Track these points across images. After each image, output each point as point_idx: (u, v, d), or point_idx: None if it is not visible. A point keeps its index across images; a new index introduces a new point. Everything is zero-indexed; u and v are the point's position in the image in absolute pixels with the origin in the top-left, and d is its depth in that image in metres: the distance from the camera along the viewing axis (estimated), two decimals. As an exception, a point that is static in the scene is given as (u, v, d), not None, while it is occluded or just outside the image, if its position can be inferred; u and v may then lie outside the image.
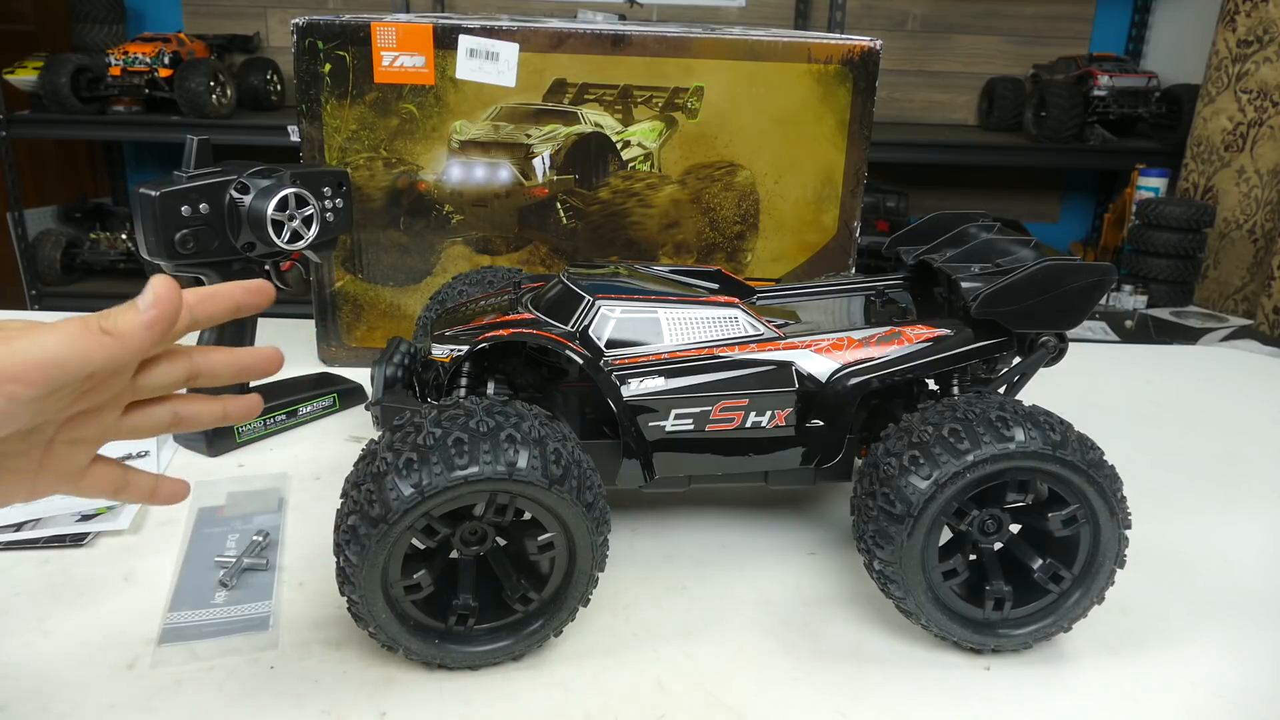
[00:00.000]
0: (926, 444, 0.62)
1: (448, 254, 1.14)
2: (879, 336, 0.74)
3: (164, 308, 0.48)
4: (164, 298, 0.48)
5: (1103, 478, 0.61)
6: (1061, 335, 0.76)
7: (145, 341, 0.48)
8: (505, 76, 1.07)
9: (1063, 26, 3.25)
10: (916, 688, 0.63)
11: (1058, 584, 0.64)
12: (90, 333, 0.46)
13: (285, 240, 0.90)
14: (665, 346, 0.71)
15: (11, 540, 0.76)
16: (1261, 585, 0.77)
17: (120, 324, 0.47)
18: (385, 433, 0.59)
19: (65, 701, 0.59)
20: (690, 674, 0.64)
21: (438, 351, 0.75)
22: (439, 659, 0.61)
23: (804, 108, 1.10)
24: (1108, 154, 2.98)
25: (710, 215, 1.14)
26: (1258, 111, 2.58)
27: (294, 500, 0.84)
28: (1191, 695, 0.64)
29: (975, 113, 3.33)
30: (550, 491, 0.57)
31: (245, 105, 2.90)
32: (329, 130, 1.08)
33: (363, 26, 1.04)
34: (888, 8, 3.22)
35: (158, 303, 0.48)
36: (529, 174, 1.11)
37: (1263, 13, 2.55)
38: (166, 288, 0.48)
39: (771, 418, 0.71)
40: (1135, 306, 2.53)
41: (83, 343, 0.46)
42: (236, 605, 0.69)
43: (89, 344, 0.46)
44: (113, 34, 3.07)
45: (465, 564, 0.62)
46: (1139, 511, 0.66)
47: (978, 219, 0.85)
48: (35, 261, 2.93)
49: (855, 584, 0.75)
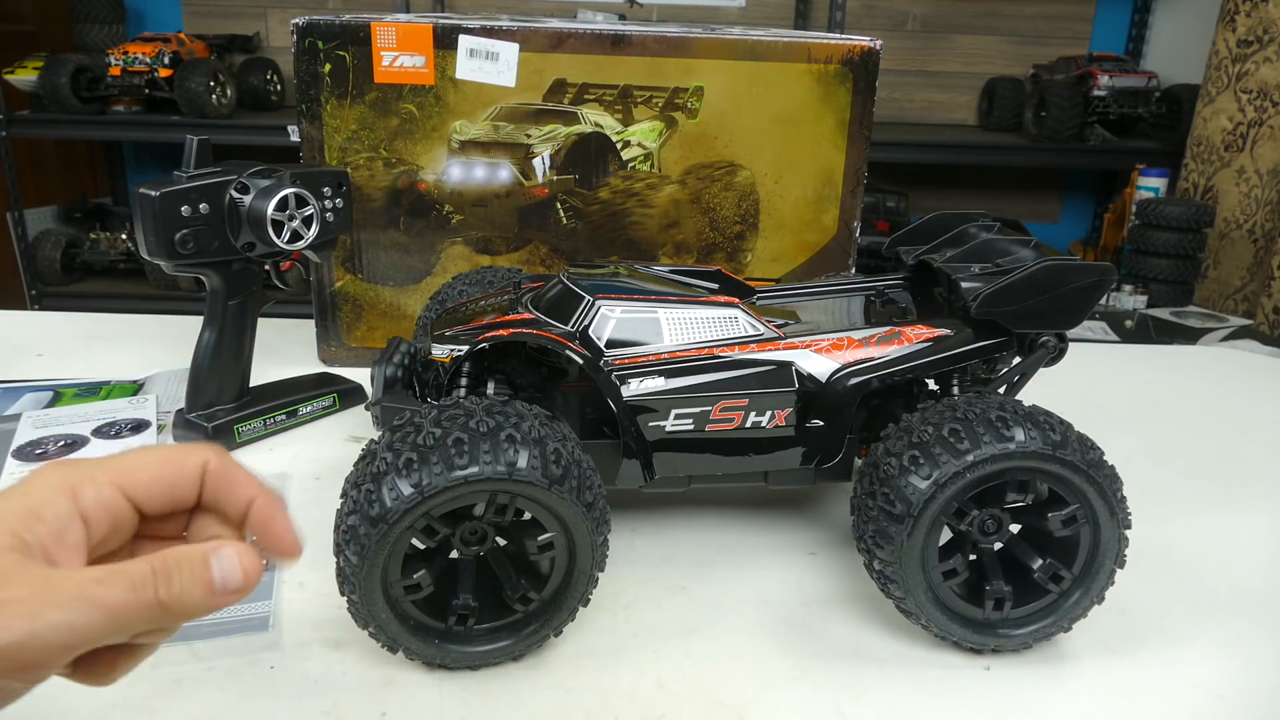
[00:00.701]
0: (926, 444, 0.62)
1: (448, 254, 1.14)
2: (879, 336, 0.74)
3: (251, 587, 0.38)
4: (252, 574, 0.38)
5: (1103, 478, 0.61)
6: (1061, 335, 0.76)
7: (206, 614, 0.38)
8: (505, 76, 1.07)
9: (1063, 26, 3.25)
10: (916, 688, 0.63)
11: (1058, 584, 0.64)
12: (141, 603, 0.35)
13: (285, 240, 0.90)
14: (665, 346, 0.71)
15: (11, 540, 0.75)
16: (1261, 585, 0.77)
17: (188, 598, 0.36)
18: (385, 433, 0.59)
19: (65, 701, 0.59)
20: (690, 674, 0.64)
21: (438, 351, 0.75)
22: (439, 659, 0.61)
23: (804, 108, 1.10)
24: (1108, 154, 2.98)
25: (710, 215, 1.14)
26: (1258, 111, 2.58)
27: (294, 500, 0.84)
28: (1191, 695, 0.64)
29: (975, 113, 3.33)
30: (550, 491, 0.57)
31: (245, 105, 2.90)
32: (329, 130, 1.08)
33: (363, 26, 1.04)
34: (888, 8, 3.22)
35: (248, 583, 0.38)
36: (529, 174, 1.11)
37: (1263, 13, 2.55)
38: (254, 563, 0.38)
39: (771, 418, 0.71)
40: (1135, 306, 2.53)
41: (126, 620, 0.35)
42: (236, 605, 0.68)
43: (133, 616, 0.35)
44: (113, 34, 3.07)
45: (465, 564, 0.62)
46: (1139, 511, 0.66)
47: (978, 219, 0.85)
48: (35, 261, 2.93)
49: (855, 584, 0.75)
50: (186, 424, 0.93)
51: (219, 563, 0.37)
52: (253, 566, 0.38)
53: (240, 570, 0.38)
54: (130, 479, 0.39)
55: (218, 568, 0.37)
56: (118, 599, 0.35)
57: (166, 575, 0.36)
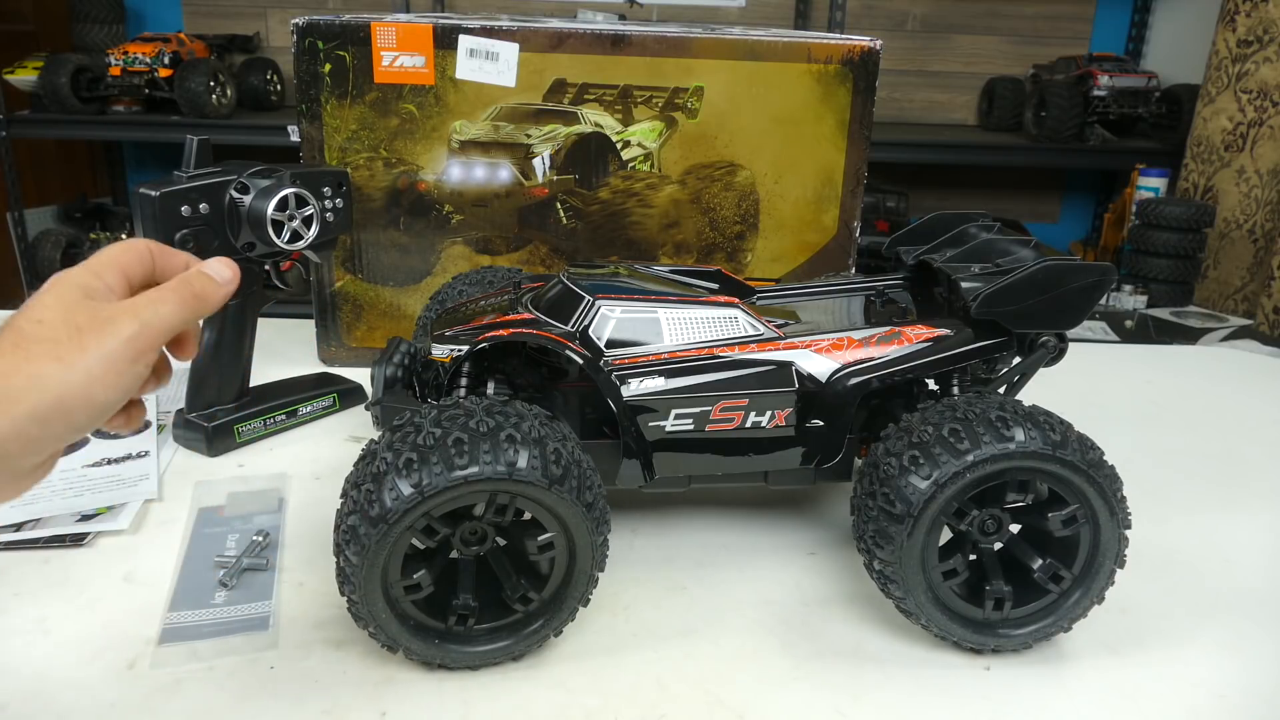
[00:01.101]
0: (926, 444, 0.62)
1: (448, 254, 1.14)
2: (879, 336, 0.74)
3: (236, 279, 0.58)
4: (233, 268, 0.58)
5: (1103, 478, 0.61)
6: (1061, 335, 0.76)
7: (220, 304, 0.57)
8: (505, 76, 1.07)
9: (1063, 26, 3.25)
10: (916, 688, 0.63)
11: (1058, 584, 0.64)
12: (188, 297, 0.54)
13: (285, 240, 0.90)
14: (665, 346, 0.71)
15: (11, 540, 0.76)
16: (1261, 585, 0.77)
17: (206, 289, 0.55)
18: (385, 433, 0.59)
19: (65, 701, 0.59)
20: (690, 674, 0.64)
21: (438, 351, 0.75)
22: (439, 659, 0.61)
23: (804, 108, 1.10)
24: (1108, 154, 2.98)
25: (710, 215, 1.14)
26: (1258, 111, 2.58)
27: (294, 500, 0.84)
28: (1192, 695, 0.64)
29: (975, 113, 3.33)
30: (550, 491, 0.57)
31: (245, 105, 2.90)
32: (329, 130, 1.08)
33: (363, 26, 1.04)
34: (888, 8, 3.22)
35: (232, 276, 0.57)
36: (529, 174, 1.11)
37: (1263, 13, 2.55)
38: (233, 265, 0.58)
39: (771, 418, 0.71)
40: (1135, 306, 2.53)
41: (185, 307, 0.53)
42: (236, 605, 0.69)
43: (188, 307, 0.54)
44: (113, 34, 3.07)
45: (465, 564, 0.62)
46: (1139, 511, 0.66)
47: (978, 219, 0.85)
48: (35, 261, 2.93)
49: (855, 584, 0.75)
50: (186, 424, 0.93)
51: (208, 267, 0.57)
52: (230, 264, 0.58)
53: (223, 265, 0.57)
54: (121, 265, 0.54)
55: (210, 269, 0.57)
56: (174, 295, 0.53)
57: (188, 280, 0.55)
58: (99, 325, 0.49)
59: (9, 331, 0.48)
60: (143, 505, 0.82)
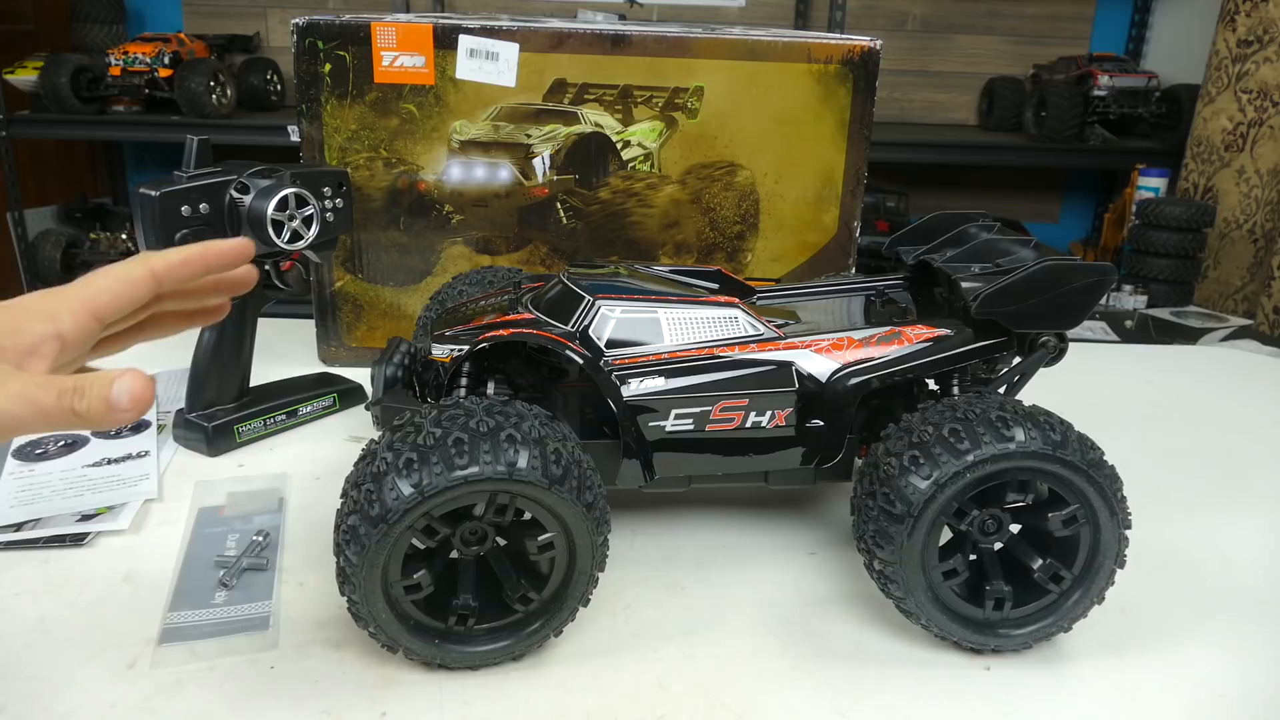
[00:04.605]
0: (926, 444, 0.62)
1: (448, 254, 1.14)
2: (879, 336, 0.74)
3: (138, 409, 0.48)
4: (140, 399, 0.48)
5: (1103, 478, 0.61)
6: (1061, 335, 0.76)
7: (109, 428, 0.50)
8: (505, 76, 1.07)
9: (1063, 26, 3.25)
10: (916, 688, 0.63)
11: (1058, 584, 0.64)
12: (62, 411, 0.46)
13: (285, 240, 0.90)
14: (665, 346, 0.71)
15: (11, 540, 0.76)
16: (1261, 585, 0.77)
17: (92, 411, 0.47)
18: (385, 433, 0.59)
19: (65, 701, 0.59)
20: (690, 674, 0.64)
21: (438, 351, 0.75)
22: (439, 659, 0.61)
23: (804, 108, 1.10)
24: (1108, 154, 2.98)
25: (710, 215, 1.14)
26: (1258, 111, 2.58)
27: (294, 500, 0.84)
28: (1192, 695, 0.64)
29: (975, 113, 3.33)
30: (550, 491, 0.57)
31: (245, 105, 2.90)
32: (329, 130, 1.08)
33: (363, 26, 1.04)
34: (888, 8, 3.22)
35: (134, 404, 0.48)
36: (529, 174, 1.11)
37: (1263, 13, 2.55)
38: (143, 388, 0.48)
39: (771, 418, 0.71)
40: (1135, 306, 2.53)
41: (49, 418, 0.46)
42: (236, 605, 0.69)
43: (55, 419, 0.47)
44: (113, 34, 3.07)
45: (465, 564, 0.62)
46: (1139, 511, 0.66)
47: (978, 219, 0.85)
48: (35, 261, 2.93)
49: (855, 584, 0.75)
50: (186, 424, 0.93)
51: (117, 385, 0.48)
52: (140, 390, 0.48)
53: (129, 393, 0.48)
54: (97, 302, 0.51)
55: (115, 390, 0.47)
56: (46, 402, 0.46)
57: (81, 391, 0.47)
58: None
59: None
60: (143, 505, 0.82)
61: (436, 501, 0.56)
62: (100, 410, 0.47)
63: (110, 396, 0.47)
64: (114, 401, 0.47)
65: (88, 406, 0.47)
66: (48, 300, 0.50)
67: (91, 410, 0.47)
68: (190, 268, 0.56)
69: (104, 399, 0.47)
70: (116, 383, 0.48)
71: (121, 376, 0.48)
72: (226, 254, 0.57)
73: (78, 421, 0.47)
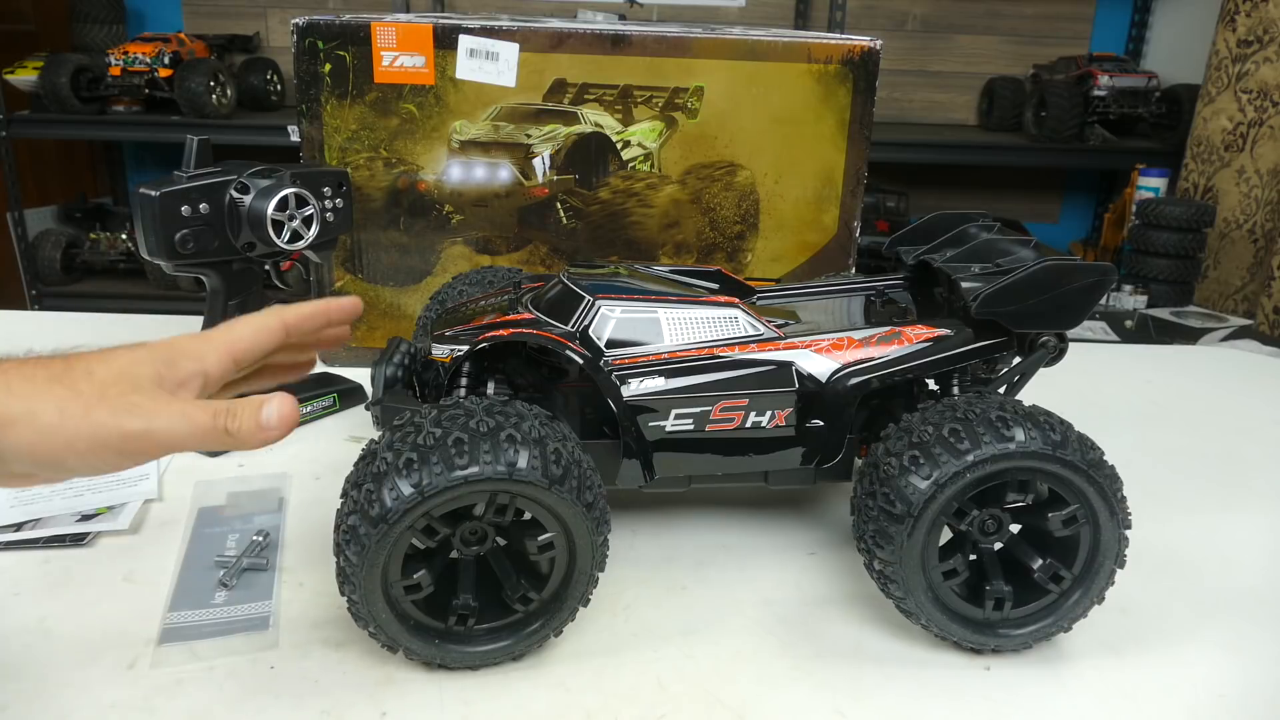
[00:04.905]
0: (926, 444, 0.62)
1: (448, 254, 1.14)
2: (879, 336, 0.74)
3: (285, 429, 0.54)
4: (288, 420, 0.54)
5: (1103, 478, 0.61)
6: (1061, 335, 0.76)
7: (258, 447, 0.54)
8: (505, 76, 1.07)
9: (1063, 26, 3.25)
10: (916, 688, 0.63)
11: (1058, 584, 0.64)
12: (216, 430, 0.51)
13: (285, 240, 0.90)
14: (665, 346, 0.71)
15: (11, 540, 0.76)
16: (1261, 585, 0.77)
17: (244, 430, 0.52)
18: (385, 433, 0.59)
19: (65, 701, 0.59)
20: (690, 674, 0.64)
21: (438, 351, 0.75)
22: (439, 659, 0.61)
23: (804, 108, 1.09)
24: (1108, 154, 2.98)
25: (710, 215, 1.14)
26: (1258, 111, 2.58)
27: (294, 500, 0.84)
28: (1191, 695, 0.64)
29: (975, 113, 3.33)
30: (550, 491, 0.57)
31: (245, 105, 2.90)
32: (329, 130, 1.08)
33: (363, 26, 1.04)
34: (888, 8, 3.22)
35: (282, 424, 0.53)
36: (529, 174, 1.11)
37: (1263, 13, 2.55)
38: (291, 410, 0.54)
39: (771, 418, 0.71)
40: (1135, 306, 2.53)
41: (204, 436, 0.51)
42: (236, 605, 0.69)
43: (209, 438, 0.52)
44: (113, 34, 3.07)
45: (465, 564, 0.62)
46: (1139, 511, 0.66)
47: (978, 219, 0.85)
48: (35, 261, 2.93)
49: (855, 584, 0.75)
50: (186, 424, 0.93)
51: (266, 408, 0.53)
52: (288, 412, 0.54)
53: (277, 414, 0.53)
54: (238, 348, 0.57)
55: (265, 411, 0.53)
56: (202, 420, 0.51)
57: (234, 413, 0.52)
58: (115, 404, 0.49)
59: (63, 361, 0.51)
60: (143, 505, 0.82)
61: (436, 501, 0.56)
62: (251, 429, 0.52)
63: (260, 418, 0.53)
64: (264, 422, 0.53)
65: (240, 426, 0.52)
66: (198, 342, 0.56)
67: (243, 430, 0.52)
68: (315, 320, 0.62)
69: (255, 419, 0.53)
70: (266, 406, 0.53)
71: (270, 400, 0.54)
72: (346, 309, 0.64)
73: (229, 440, 0.52)
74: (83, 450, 0.49)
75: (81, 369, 0.50)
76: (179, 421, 0.51)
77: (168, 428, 0.50)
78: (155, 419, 0.50)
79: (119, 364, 0.52)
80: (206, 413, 0.51)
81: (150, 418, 0.50)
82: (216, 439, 0.52)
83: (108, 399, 0.49)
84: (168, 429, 0.50)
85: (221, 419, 0.52)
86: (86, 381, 0.50)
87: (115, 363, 0.51)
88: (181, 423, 0.51)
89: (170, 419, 0.50)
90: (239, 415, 0.52)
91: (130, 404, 0.50)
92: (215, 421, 0.51)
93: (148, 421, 0.50)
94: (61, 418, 0.48)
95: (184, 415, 0.51)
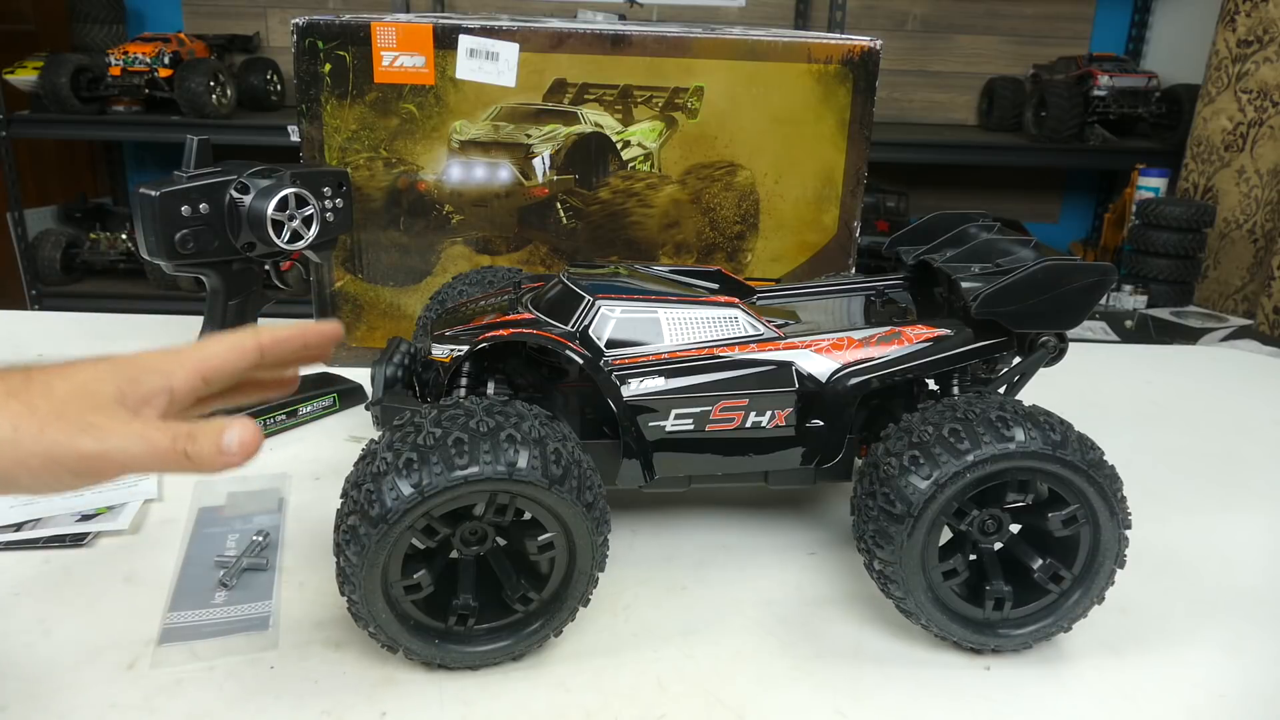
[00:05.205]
0: (926, 444, 0.62)
1: (448, 254, 1.14)
2: (879, 336, 0.74)
3: (246, 456, 0.51)
4: (249, 445, 0.51)
5: (1103, 478, 0.61)
6: (1061, 335, 0.76)
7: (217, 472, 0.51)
8: (505, 76, 1.07)
9: (1063, 26, 3.25)
10: (916, 688, 0.63)
11: (1058, 584, 0.64)
12: (174, 453, 0.49)
13: (285, 240, 0.90)
14: (665, 346, 0.71)
15: (11, 540, 0.76)
16: (1261, 585, 0.77)
17: (203, 455, 0.50)
18: (385, 433, 0.59)
19: (65, 701, 0.59)
20: (690, 674, 0.64)
21: (438, 351, 0.75)
22: (439, 659, 0.61)
23: (804, 108, 1.10)
24: (1108, 154, 2.98)
25: (710, 215, 1.14)
26: (1258, 111, 2.58)
27: (294, 500, 0.84)
28: (1191, 695, 0.64)
29: (975, 113, 3.33)
30: (550, 491, 0.57)
31: (245, 105, 2.90)
32: (329, 130, 1.08)
33: (363, 26, 1.04)
34: (888, 8, 3.22)
35: (243, 450, 0.51)
36: (529, 174, 1.11)
37: (1263, 13, 2.55)
38: (253, 436, 0.51)
39: (771, 418, 0.71)
40: (1135, 306, 2.53)
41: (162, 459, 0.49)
42: (236, 605, 0.69)
43: (167, 461, 0.50)
44: (113, 34, 3.07)
45: (465, 564, 0.62)
46: (1139, 511, 0.66)
47: (978, 219, 0.85)
48: (35, 261, 2.93)
49: (855, 584, 0.75)
50: (186, 424, 0.93)
51: (228, 434, 0.50)
52: (249, 438, 0.51)
53: (239, 440, 0.51)
54: (208, 365, 0.55)
55: (226, 437, 0.50)
56: (160, 443, 0.49)
57: (194, 436, 0.50)
58: (71, 423, 0.48)
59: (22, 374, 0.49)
60: (143, 505, 0.82)
61: (436, 501, 0.56)
62: (210, 454, 0.50)
63: (221, 442, 0.50)
64: (225, 447, 0.50)
65: (199, 450, 0.50)
66: (165, 358, 0.54)
67: (202, 454, 0.50)
68: (291, 344, 0.60)
69: (215, 444, 0.50)
70: (228, 431, 0.51)
71: (232, 425, 0.51)
72: (325, 334, 0.62)
73: (187, 464, 0.50)
74: (36, 469, 0.47)
75: (40, 384, 0.49)
76: (136, 443, 0.49)
77: (123, 449, 0.49)
78: (111, 440, 0.48)
79: (80, 379, 0.50)
80: (166, 435, 0.50)
81: (106, 439, 0.48)
82: (175, 462, 0.50)
83: (65, 417, 0.48)
84: (123, 451, 0.49)
85: (181, 442, 0.50)
86: (44, 398, 0.48)
87: (76, 377, 0.50)
88: (139, 444, 0.49)
89: (127, 440, 0.49)
90: (199, 439, 0.50)
91: (87, 424, 0.48)
92: (174, 445, 0.49)
93: (103, 443, 0.48)
94: (15, 435, 0.47)
95: (141, 437, 0.49)
